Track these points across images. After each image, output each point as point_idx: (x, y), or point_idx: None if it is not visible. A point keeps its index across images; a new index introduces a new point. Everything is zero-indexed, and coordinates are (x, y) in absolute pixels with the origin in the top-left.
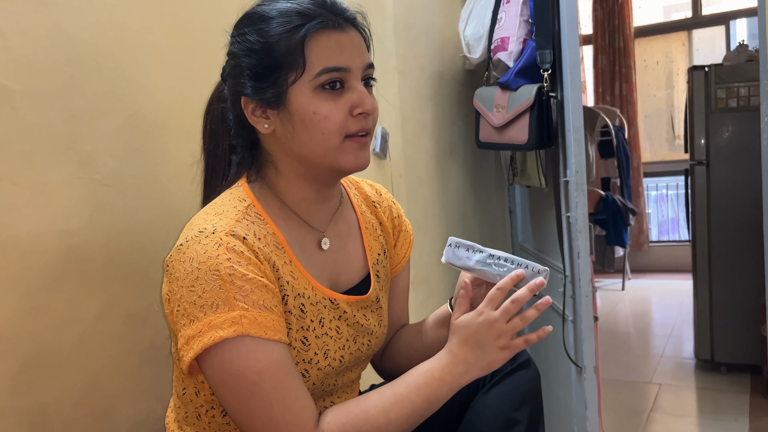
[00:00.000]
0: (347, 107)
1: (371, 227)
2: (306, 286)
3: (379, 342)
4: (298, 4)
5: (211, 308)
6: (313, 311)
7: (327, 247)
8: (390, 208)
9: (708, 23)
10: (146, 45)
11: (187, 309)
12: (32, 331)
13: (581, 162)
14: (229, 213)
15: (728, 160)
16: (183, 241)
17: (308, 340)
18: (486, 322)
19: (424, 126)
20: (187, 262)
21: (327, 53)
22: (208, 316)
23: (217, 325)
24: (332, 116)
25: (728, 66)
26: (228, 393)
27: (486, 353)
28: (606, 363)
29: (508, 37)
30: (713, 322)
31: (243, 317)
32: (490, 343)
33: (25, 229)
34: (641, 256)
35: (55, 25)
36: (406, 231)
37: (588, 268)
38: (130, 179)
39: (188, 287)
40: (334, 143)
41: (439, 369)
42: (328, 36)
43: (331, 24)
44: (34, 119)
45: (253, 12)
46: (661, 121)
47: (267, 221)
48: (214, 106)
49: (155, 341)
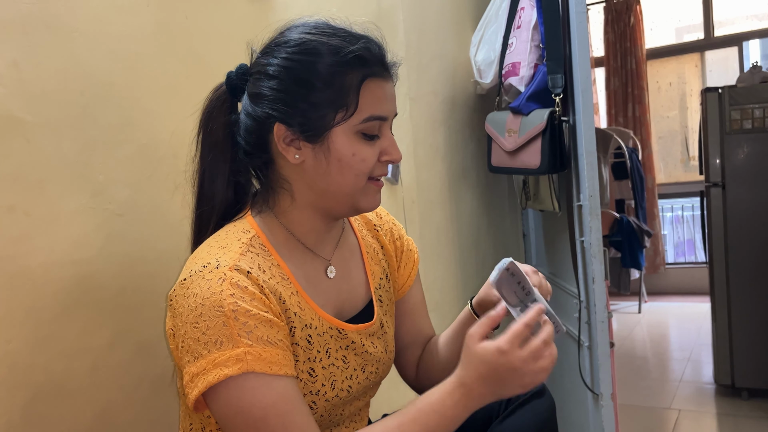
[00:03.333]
0: (378, 152)
1: (372, 251)
2: (313, 317)
3: (387, 369)
4: (357, 46)
5: (215, 345)
6: (319, 342)
7: (333, 275)
8: (391, 230)
9: (721, 44)
10: (160, 75)
11: (191, 345)
12: (44, 361)
13: (594, 186)
14: (233, 246)
15: (744, 182)
16: (186, 275)
17: (315, 372)
18: (511, 364)
19: (436, 151)
20: (191, 297)
21: (376, 101)
22: (212, 354)
23: (221, 362)
24: (368, 160)
25: (742, 87)
26: (235, 429)
27: (506, 390)
28: (623, 388)
29: (519, 62)
30: (733, 345)
31: (247, 354)
32: (513, 381)
33: (37, 259)
34: (657, 279)
35: (70, 56)
36: (409, 250)
37: (603, 294)
38: (142, 208)
39: (192, 323)
40: (360, 185)
41: (452, 406)
42: (379, 85)
43: (381, 73)
44: (48, 150)
45: (309, 40)
46: (675, 142)
47: (272, 252)
48: (215, 118)
49: (166, 371)
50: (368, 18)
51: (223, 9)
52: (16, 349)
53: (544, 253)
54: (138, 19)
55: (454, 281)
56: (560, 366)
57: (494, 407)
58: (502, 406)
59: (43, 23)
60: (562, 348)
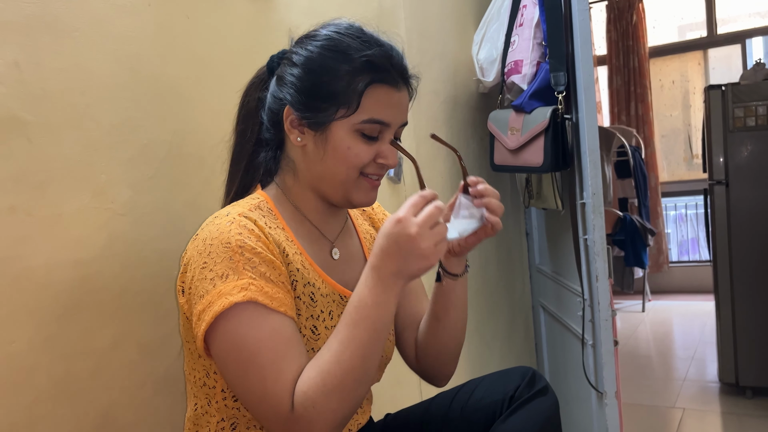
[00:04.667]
0: (374, 153)
1: (370, 237)
2: (316, 278)
3: (387, 348)
4: (372, 51)
5: (221, 279)
6: (323, 302)
7: (337, 257)
8: (385, 217)
9: (724, 42)
10: (161, 76)
11: (199, 286)
12: (46, 362)
13: (598, 184)
14: (244, 204)
15: (748, 180)
16: (199, 231)
17: (318, 330)
18: (407, 230)
19: (438, 150)
20: (200, 242)
21: (379, 106)
22: (217, 287)
23: (226, 292)
24: (361, 155)
25: (745, 85)
26: (229, 366)
27: (410, 262)
28: (627, 387)
29: (522, 60)
30: (737, 344)
31: (251, 284)
32: (412, 251)
33: (39, 260)
34: (661, 277)
35: (71, 56)
36: None
37: (607, 292)
38: (144, 208)
39: (200, 266)
40: (352, 177)
41: (369, 294)
42: (386, 91)
43: (391, 81)
44: (50, 150)
45: (333, 38)
46: (678, 140)
47: (278, 218)
48: (251, 93)
49: (170, 371)
50: (369, 17)
51: (224, 9)
52: (18, 350)
53: (547, 252)
54: (139, 20)
55: None
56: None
57: (497, 406)
58: (505, 405)
59: (44, 24)
60: (566, 347)
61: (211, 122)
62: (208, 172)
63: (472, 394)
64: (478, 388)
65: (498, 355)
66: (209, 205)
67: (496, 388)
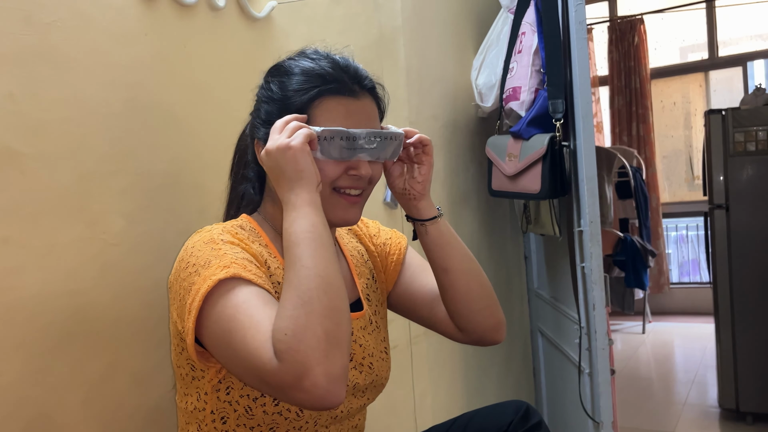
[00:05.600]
0: (344, 167)
1: (357, 254)
2: None
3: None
4: (320, 66)
5: (204, 266)
6: None
7: None
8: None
9: (725, 64)
10: (158, 104)
11: (185, 282)
12: (35, 394)
13: (595, 212)
14: (227, 224)
15: (748, 204)
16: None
17: None
18: (274, 143)
19: (436, 174)
20: (182, 252)
21: (334, 117)
22: (201, 275)
23: (209, 275)
24: (326, 170)
25: (746, 110)
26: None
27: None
28: (627, 411)
29: (520, 86)
30: (737, 369)
31: (233, 263)
32: (278, 159)
33: (31, 291)
34: (662, 298)
35: (67, 87)
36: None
37: (604, 320)
38: (138, 237)
39: (184, 267)
40: (324, 193)
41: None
42: (340, 101)
43: (345, 91)
44: (43, 181)
45: (281, 64)
46: (679, 161)
47: (261, 235)
48: (243, 138)
49: (161, 401)
50: (369, 43)
51: (222, 36)
52: (8, 382)
53: (545, 277)
54: (136, 49)
55: None
56: (561, 392)
57: None
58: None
59: (40, 54)
60: (563, 374)
61: (208, 151)
62: (204, 201)
63: (465, 429)
64: (471, 422)
65: (495, 380)
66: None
67: (490, 423)
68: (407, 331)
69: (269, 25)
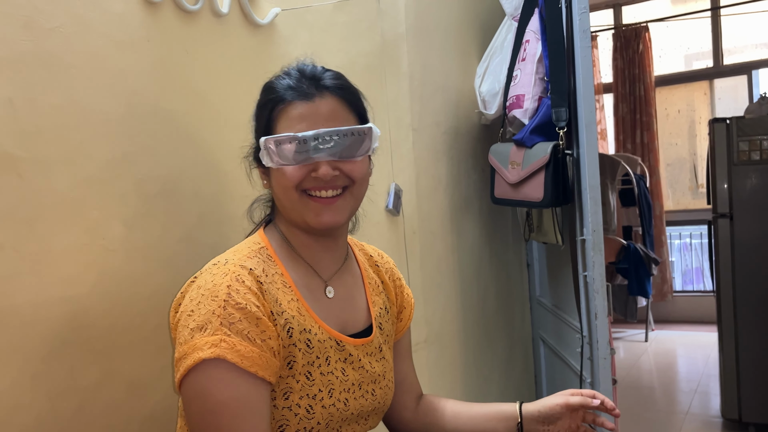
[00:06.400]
0: (308, 169)
1: (374, 284)
2: (312, 324)
3: (385, 395)
4: (277, 78)
5: (200, 330)
6: (319, 348)
7: (332, 296)
8: (391, 270)
9: (730, 73)
10: (158, 111)
11: (181, 332)
12: (29, 401)
13: (598, 221)
14: (244, 250)
15: (752, 213)
16: (198, 274)
17: (312, 375)
18: None
19: (438, 181)
20: (195, 290)
21: (289, 123)
22: (194, 339)
23: (198, 347)
24: (289, 173)
25: (750, 119)
26: (193, 415)
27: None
28: (629, 420)
29: (524, 94)
30: (740, 379)
31: (222, 341)
32: None
33: (25, 297)
34: (665, 306)
35: (65, 92)
36: (408, 296)
37: (606, 330)
38: (136, 243)
39: (188, 313)
40: (293, 197)
41: None
42: (294, 107)
43: (301, 96)
44: (40, 186)
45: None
46: (683, 169)
47: (277, 263)
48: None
49: (156, 409)
50: (372, 50)
51: (224, 44)
52: (2, 388)
53: (547, 284)
54: (137, 55)
55: (454, 312)
56: None
57: None
58: None
59: (39, 60)
60: (564, 383)
61: (208, 158)
62: (203, 207)
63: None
64: None
65: (496, 387)
66: (204, 241)
67: None
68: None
69: (272, 31)
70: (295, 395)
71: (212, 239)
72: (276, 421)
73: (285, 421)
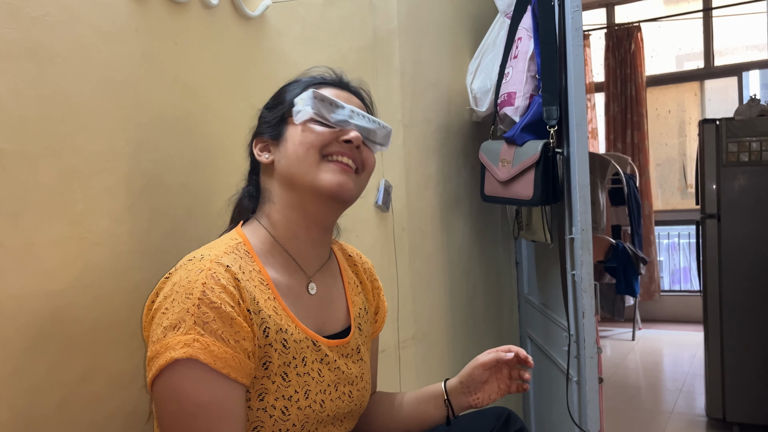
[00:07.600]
0: (335, 135)
1: (353, 283)
2: (289, 324)
3: (362, 397)
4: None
5: (172, 329)
6: (296, 348)
7: (314, 292)
8: (370, 271)
9: (720, 74)
10: (145, 103)
11: (154, 330)
12: (9, 396)
13: (587, 220)
14: (220, 247)
15: (740, 214)
16: (173, 270)
17: (288, 376)
18: None
19: (429, 178)
20: (169, 285)
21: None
22: (167, 338)
23: (171, 346)
24: (319, 131)
25: (740, 120)
26: (166, 417)
27: None
28: (614, 419)
29: (515, 92)
30: (725, 379)
31: (195, 341)
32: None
33: (8, 291)
34: (652, 306)
35: (53, 84)
36: (383, 301)
37: (593, 329)
38: (121, 237)
39: (162, 311)
40: (313, 159)
41: None
42: (329, 89)
43: (335, 84)
44: (24, 179)
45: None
46: (673, 169)
47: (255, 259)
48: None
49: (139, 405)
50: (363, 45)
51: (214, 36)
52: None
53: (535, 283)
54: (125, 47)
55: (443, 311)
56: (549, 400)
57: None
58: None
59: (25, 49)
60: (551, 381)
61: (196, 151)
62: (191, 201)
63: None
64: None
65: None
66: (190, 235)
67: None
68: (395, 336)
69: (263, 24)
70: (270, 396)
71: (199, 233)
72: (250, 423)
73: (260, 423)
